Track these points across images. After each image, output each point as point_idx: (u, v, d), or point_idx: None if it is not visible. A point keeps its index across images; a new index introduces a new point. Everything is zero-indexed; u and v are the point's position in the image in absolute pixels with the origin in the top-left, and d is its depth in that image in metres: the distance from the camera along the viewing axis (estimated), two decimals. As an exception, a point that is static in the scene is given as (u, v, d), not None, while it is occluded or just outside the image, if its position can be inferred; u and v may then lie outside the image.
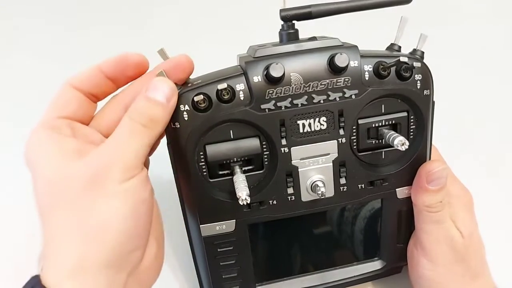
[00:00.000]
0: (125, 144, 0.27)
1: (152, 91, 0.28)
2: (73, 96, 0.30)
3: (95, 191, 0.26)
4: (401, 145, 0.30)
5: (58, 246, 0.26)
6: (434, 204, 0.33)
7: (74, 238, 0.26)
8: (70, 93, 0.30)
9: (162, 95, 0.28)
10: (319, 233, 0.38)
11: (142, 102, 0.28)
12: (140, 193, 0.27)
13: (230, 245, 0.34)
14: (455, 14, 0.53)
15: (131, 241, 0.27)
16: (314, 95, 0.30)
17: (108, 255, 0.26)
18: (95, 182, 0.26)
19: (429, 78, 0.32)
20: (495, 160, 0.50)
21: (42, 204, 0.27)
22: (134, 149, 0.27)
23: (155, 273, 0.31)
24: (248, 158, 0.32)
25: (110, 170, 0.26)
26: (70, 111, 0.30)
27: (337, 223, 0.37)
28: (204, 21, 0.49)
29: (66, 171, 0.26)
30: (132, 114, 0.28)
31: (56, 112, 0.29)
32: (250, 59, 0.30)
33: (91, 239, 0.26)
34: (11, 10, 0.49)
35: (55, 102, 0.30)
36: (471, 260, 0.35)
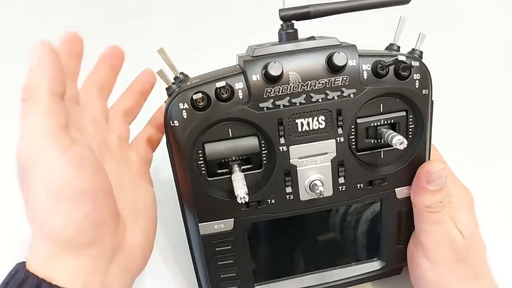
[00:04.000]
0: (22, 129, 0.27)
1: (29, 60, 0.27)
2: (72, 106, 0.30)
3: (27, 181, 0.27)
4: (400, 144, 0.30)
5: (32, 237, 0.27)
6: (434, 204, 0.33)
7: (35, 230, 0.27)
8: (60, 103, 0.29)
9: (33, 59, 0.27)
10: (318, 233, 0.38)
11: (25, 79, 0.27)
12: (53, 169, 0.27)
13: (229, 244, 0.34)
14: (455, 14, 0.53)
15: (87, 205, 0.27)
16: (312, 94, 0.30)
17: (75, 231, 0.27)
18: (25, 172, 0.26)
19: (428, 77, 0.32)
20: (495, 160, 0.49)
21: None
22: (29, 130, 0.26)
23: (141, 262, 0.32)
24: (246, 157, 0.32)
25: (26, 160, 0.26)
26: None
27: (336, 222, 0.37)
28: (204, 21, 0.50)
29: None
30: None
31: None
32: (248, 58, 0.30)
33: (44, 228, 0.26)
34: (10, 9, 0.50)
35: (57, 117, 0.28)
36: (472, 260, 0.34)
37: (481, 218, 0.35)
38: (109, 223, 0.29)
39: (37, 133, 0.26)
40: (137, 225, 0.32)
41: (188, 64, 0.33)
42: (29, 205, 0.27)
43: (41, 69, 0.27)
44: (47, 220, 0.27)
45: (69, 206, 0.26)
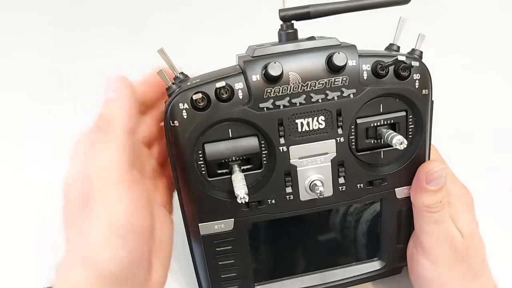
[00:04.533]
0: (93, 157, 0.27)
1: (105, 94, 0.28)
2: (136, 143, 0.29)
3: (86, 210, 0.26)
4: (400, 144, 0.30)
5: (66, 263, 0.27)
6: (434, 204, 0.33)
7: (77, 257, 0.26)
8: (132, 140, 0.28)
9: (109, 92, 0.28)
10: (318, 233, 0.38)
11: (101, 109, 0.28)
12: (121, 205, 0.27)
13: (229, 244, 0.34)
14: (455, 14, 0.53)
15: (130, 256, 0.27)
16: (312, 94, 0.30)
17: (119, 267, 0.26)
18: (85, 201, 0.26)
19: (428, 77, 0.32)
20: (495, 160, 0.49)
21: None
22: (101, 159, 0.26)
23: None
24: (246, 157, 0.32)
25: (92, 190, 0.26)
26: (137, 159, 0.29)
27: (336, 222, 0.37)
28: (204, 21, 0.50)
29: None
30: (96, 122, 0.28)
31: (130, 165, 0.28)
32: (248, 58, 0.30)
33: (90, 259, 0.26)
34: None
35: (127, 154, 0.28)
36: (472, 260, 0.34)
37: (480, 218, 0.36)
38: (146, 262, 0.29)
39: (109, 167, 0.26)
40: (158, 259, 0.31)
41: (188, 64, 0.33)
42: (81, 232, 0.26)
43: (120, 104, 0.28)
44: (96, 251, 0.26)
45: (120, 242, 0.26)
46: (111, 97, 0.28)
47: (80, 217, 0.27)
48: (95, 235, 0.26)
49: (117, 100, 0.28)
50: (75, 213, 0.27)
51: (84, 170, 0.27)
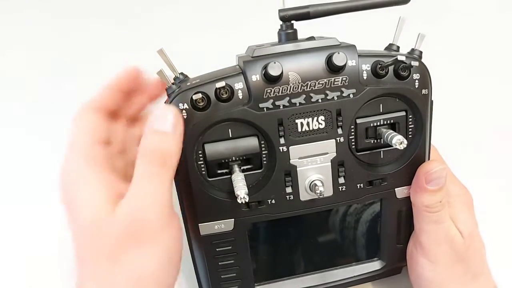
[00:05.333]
0: (149, 195, 0.26)
1: (158, 122, 0.27)
2: (99, 118, 0.30)
3: (130, 245, 0.25)
4: (399, 144, 0.30)
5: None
6: (434, 204, 0.33)
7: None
8: (95, 115, 0.29)
9: (167, 124, 0.27)
10: (318, 233, 0.38)
11: (150, 137, 0.27)
12: (174, 244, 0.27)
13: (229, 245, 0.34)
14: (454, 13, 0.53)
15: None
16: (312, 94, 0.30)
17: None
18: (130, 236, 0.25)
19: (427, 77, 0.32)
20: (495, 160, 0.49)
21: (77, 247, 0.27)
22: (159, 196, 0.26)
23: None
24: (246, 157, 0.32)
25: (142, 225, 0.26)
26: (102, 136, 0.29)
27: (336, 222, 0.37)
28: (203, 21, 0.50)
29: (104, 220, 0.26)
30: (145, 154, 0.27)
31: (88, 137, 0.29)
32: (248, 59, 0.30)
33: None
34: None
35: (83, 127, 0.29)
36: (471, 260, 0.35)
37: (480, 218, 0.36)
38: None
39: (165, 201, 0.27)
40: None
41: (188, 65, 0.33)
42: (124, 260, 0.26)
43: (176, 140, 0.28)
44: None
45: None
46: (168, 129, 0.27)
47: (134, 247, 0.26)
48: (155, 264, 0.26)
49: (174, 135, 0.27)
50: (101, 263, 0.26)
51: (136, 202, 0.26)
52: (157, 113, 0.28)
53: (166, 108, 0.28)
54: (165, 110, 0.28)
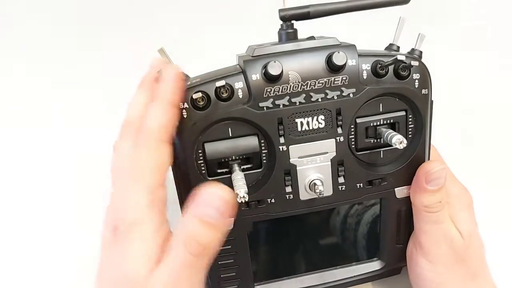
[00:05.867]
0: (180, 282, 0.25)
1: (204, 208, 0.25)
2: (167, 153, 0.27)
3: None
4: (399, 143, 0.30)
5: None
6: (433, 204, 0.33)
7: None
8: (164, 150, 0.27)
9: (215, 213, 0.25)
10: (318, 233, 0.38)
11: (193, 223, 0.25)
12: None
13: (229, 244, 0.34)
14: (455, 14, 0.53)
15: None
16: (312, 94, 0.30)
17: None
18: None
19: (427, 77, 0.32)
20: (495, 160, 0.49)
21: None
22: (190, 283, 0.25)
23: None
24: (246, 156, 0.32)
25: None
26: (165, 174, 0.27)
27: (336, 222, 0.37)
28: (204, 20, 0.50)
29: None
30: (184, 241, 0.25)
31: (157, 177, 0.27)
32: (248, 58, 0.30)
33: None
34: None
35: (155, 163, 0.27)
36: (471, 260, 0.34)
37: (480, 218, 0.36)
38: None
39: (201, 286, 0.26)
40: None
41: (188, 64, 0.33)
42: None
43: (222, 230, 0.26)
44: None
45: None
46: (215, 220, 0.25)
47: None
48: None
49: (222, 229, 0.26)
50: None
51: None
52: (208, 197, 0.25)
53: (218, 192, 0.25)
54: (217, 195, 0.25)
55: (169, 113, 0.27)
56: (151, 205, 0.26)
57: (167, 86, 0.28)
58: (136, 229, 0.25)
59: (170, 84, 0.28)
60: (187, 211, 0.26)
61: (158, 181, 0.27)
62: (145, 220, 0.26)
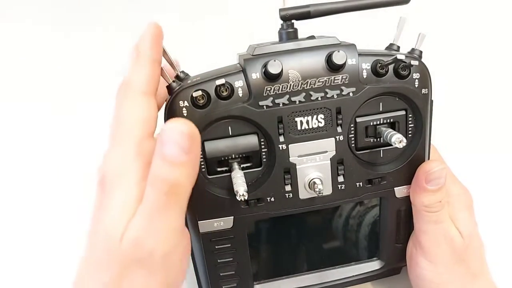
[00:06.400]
0: (156, 224, 0.25)
1: (168, 147, 0.24)
2: (152, 106, 0.27)
3: (132, 271, 0.25)
4: (399, 143, 0.30)
5: None
6: (433, 204, 0.33)
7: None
8: (147, 102, 0.27)
9: (179, 151, 0.24)
10: (317, 232, 0.38)
11: (160, 164, 0.25)
12: (180, 266, 0.27)
13: (228, 242, 0.34)
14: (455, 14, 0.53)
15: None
16: (312, 93, 0.30)
17: None
18: (133, 262, 0.25)
19: (427, 76, 0.32)
20: (495, 160, 0.49)
21: (87, 251, 0.26)
22: (166, 226, 0.25)
23: None
24: (246, 155, 0.32)
25: (147, 253, 0.25)
26: (153, 127, 0.28)
27: (336, 222, 0.37)
28: (204, 20, 0.50)
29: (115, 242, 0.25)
30: (154, 182, 0.25)
31: (142, 129, 0.26)
32: (249, 57, 0.30)
33: None
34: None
35: (137, 116, 0.27)
36: (471, 260, 0.34)
37: (480, 218, 0.36)
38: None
39: (171, 230, 0.26)
40: None
41: (189, 63, 0.34)
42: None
43: (190, 168, 0.25)
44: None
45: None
46: (179, 159, 0.24)
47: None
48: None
49: (188, 164, 0.25)
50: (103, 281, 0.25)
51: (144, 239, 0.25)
52: (167, 133, 0.24)
53: (178, 127, 0.24)
54: (176, 130, 0.24)
55: (148, 67, 0.28)
56: (136, 156, 0.26)
57: (145, 42, 0.28)
58: (120, 179, 0.26)
59: (148, 40, 0.28)
60: (154, 155, 0.25)
61: (144, 133, 0.26)
62: (129, 171, 0.26)
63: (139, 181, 0.25)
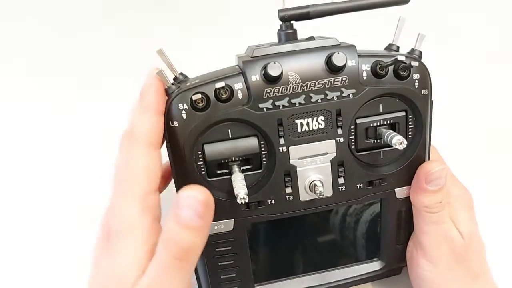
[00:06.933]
0: (164, 284, 0.25)
1: (184, 211, 0.24)
2: (157, 158, 0.28)
3: None
4: (399, 144, 0.30)
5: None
6: (433, 204, 0.33)
7: None
8: (152, 154, 0.28)
9: (192, 215, 0.24)
10: (318, 233, 0.38)
11: (174, 227, 0.25)
12: None
13: (229, 245, 0.34)
14: (455, 14, 0.53)
15: None
16: (312, 94, 0.30)
17: None
18: None
19: (427, 77, 0.32)
20: (495, 160, 0.49)
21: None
22: (174, 287, 0.25)
23: None
24: (246, 158, 0.32)
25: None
26: (158, 179, 0.28)
27: (336, 223, 0.37)
28: (203, 21, 0.50)
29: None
30: (167, 245, 0.25)
31: (148, 184, 0.27)
32: (248, 59, 0.30)
33: None
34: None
35: (143, 170, 0.27)
36: (472, 261, 0.34)
37: (480, 218, 0.36)
38: None
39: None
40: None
41: (187, 65, 0.33)
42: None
43: (203, 234, 0.25)
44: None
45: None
46: (194, 224, 0.24)
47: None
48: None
49: (201, 230, 0.25)
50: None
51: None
52: (183, 199, 0.25)
53: (193, 193, 0.25)
54: (191, 196, 0.25)
55: (154, 118, 0.28)
56: (142, 212, 0.27)
57: (150, 94, 0.29)
58: (126, 236, 0.26)
59: (152, 92, 0.29)
60: (168, 217, 0.26)
61: (149, 188, 0.27)
62: (136, 228, 0.26)
63: (146, 238, 0.26)
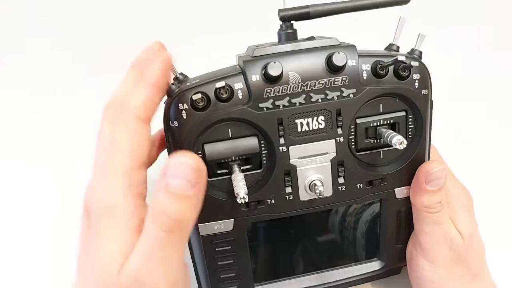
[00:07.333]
0: (155, 260, 0.23)
1: (173, 179, 0.23)
2: (145, 134, 0.26)
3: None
4: (399, 144, 0.30)
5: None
6: (433, 204, 0.33)
7: None
8: (141, 130, 0.25)
9: (185, 184, 0.23)
10: (317, 233, 0.38)
11: (163, 197, 0.23)
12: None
13: (228, 245, 0.34)
14: (455, 13, 0.53)
15: None
16: (312, 94, 0.30)
17: None
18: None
19: (427, 77, 0.32)
20: (495, 160, 0.49)
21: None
22: (166, 261, 0.24)
23: None
24: (246, 157, 0.32)
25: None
26: (145, 156, 0.26)
27: (335, 223, 0.37)
28: (203, 21, 0.50)
29: (111, 278, 0.23)
30: (156, 217, 0.23)
31: (132, 160, 0.25)
32: (248, 58, 0.30)
33: None
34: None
35: (128, 144, 0.25)
36: (471, 261, 0.34)
37: (480, 218, 0.36)
38: None
39: (171, 266, 0.24)
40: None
41: (187, 65, 0.33)
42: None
43: (194, 203, 0.24)
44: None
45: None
46: (185, 192, 0.23)
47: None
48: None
49: (193, 198, 0.24)
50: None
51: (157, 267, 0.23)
52: (173, 166, 0.23)
53: (184, 159, 0.23)
54: (182, 163, 0.23)
55: (151, 92, 0.26)
56: (127, 190, 0.24)
57: (155, 66, 0.26)
58: (106, 219, 0.24)
59: (158, 65, 0.26)
60: (156, 186, 0.24)
61: (135, 164, 0.25)
62: (117, 209, 0.24)
63: (131, 217, 0.24)
